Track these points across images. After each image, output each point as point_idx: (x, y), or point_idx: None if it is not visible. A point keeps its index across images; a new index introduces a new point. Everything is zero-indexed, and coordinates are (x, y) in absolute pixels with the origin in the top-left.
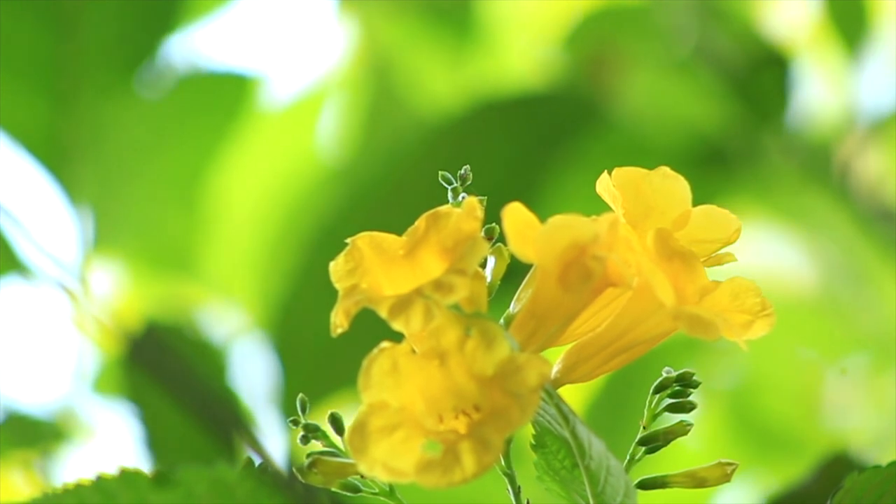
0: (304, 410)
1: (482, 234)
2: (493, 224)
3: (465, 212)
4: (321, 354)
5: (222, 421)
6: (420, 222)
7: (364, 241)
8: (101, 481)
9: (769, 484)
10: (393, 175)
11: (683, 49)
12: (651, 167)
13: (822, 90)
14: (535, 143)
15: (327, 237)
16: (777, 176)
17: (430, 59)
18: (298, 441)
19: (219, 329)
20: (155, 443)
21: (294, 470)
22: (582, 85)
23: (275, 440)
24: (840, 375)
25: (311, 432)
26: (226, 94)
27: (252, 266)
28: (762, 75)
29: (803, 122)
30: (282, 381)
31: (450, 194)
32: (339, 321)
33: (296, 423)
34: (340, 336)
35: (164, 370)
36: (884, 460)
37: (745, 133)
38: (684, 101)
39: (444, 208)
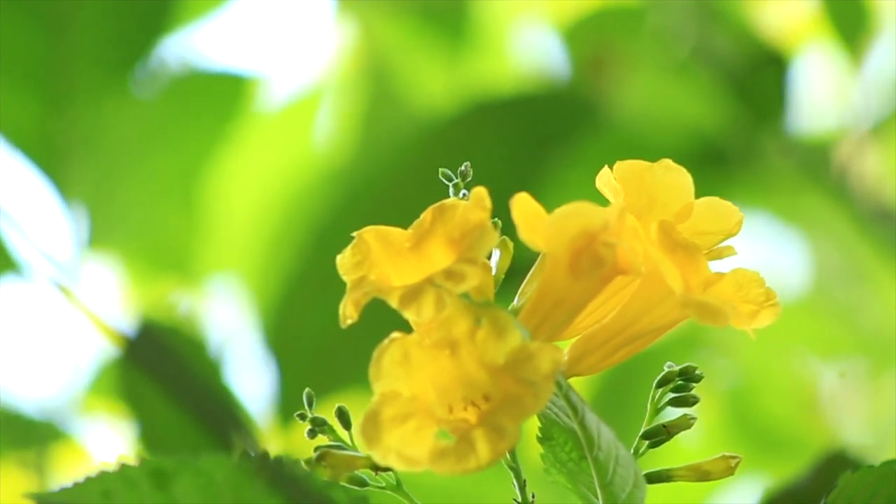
0: (310, 405)
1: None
2: (495, 219)
3: (472, 202)
4: (317, 354)
5: (220, 420)
6: (426, 214)
7: (370, 235)
8: (123, 469)
9: (766, 483)
10: (389, 176)
11: (682, 50)
12: None
13: (820, 90)
14: (532, 143)
15: (323, 236)
16: (775, 176)
17: (426, 59)
18: (306, 435)
19: (215, 327)
20: (152, 441)
21: (304, 464)
22: (579, 85)
23: (271, 439)
24: (838, 376)
25: (319, 426)
26: (221, 94)
27: (248, 265)
28: (760, 76)
29: (802, 122)
30: (278, 381)
31: (451, 190)
32: (348, 312)
33: (303, 416)
34: (336, 336)
35: (160, 369)
36: (881, 460)
37: (743, 133)
38: (683, 101)
39: (449, 200)
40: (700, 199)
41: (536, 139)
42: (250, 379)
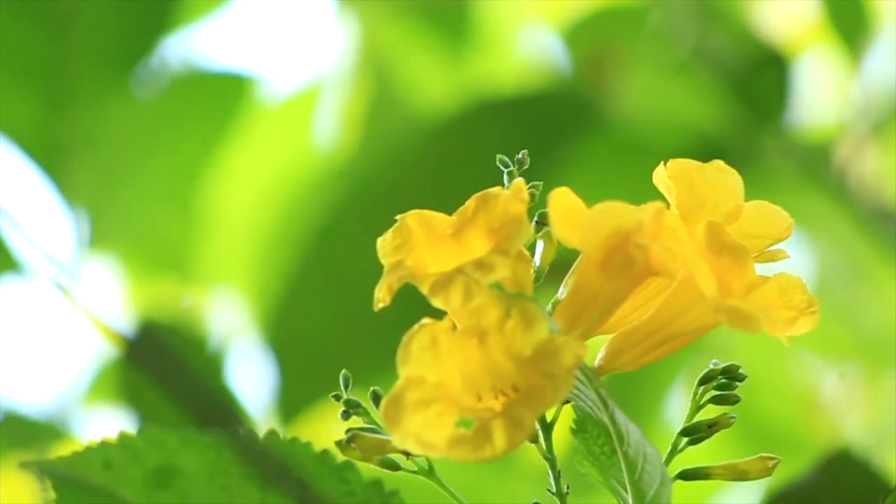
0: (346, 386)
1: (528, 216)
2: (544, 211)
3: (512, 194)
4: (318, 353)
5: (220, 420)
6: (470, 203)
7: (413, 219)
8: (125, 439)
9: (768, 483)
10: (391, 175)
11: (682, 49)
12: (649, 168)
13: (820, 90)
14: (533, 143)
15: (324, 236)
16: (776, 176)
17: (427, 58)
18: (339, 416)
19: (216, 327)
20: None
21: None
22: (580, 85)
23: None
24: (838, 376)
25: (353, 408)
26: (222, 94)
27: (249, 265)
28: (761, 76)
29: (802, 122)
30: (278, 380)
31: (505, 178)
32: (381, 296)
33: (338, 398)
34: (337, 335)
35: (161, 369)
36: (883, 461)
37: (743, 133)
38: (683, 101)
39: (493, 190)
40: (750, 202)
41: (537, 138)
42: (251, 378)
